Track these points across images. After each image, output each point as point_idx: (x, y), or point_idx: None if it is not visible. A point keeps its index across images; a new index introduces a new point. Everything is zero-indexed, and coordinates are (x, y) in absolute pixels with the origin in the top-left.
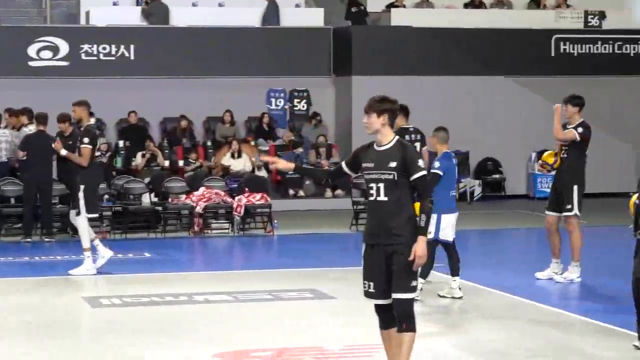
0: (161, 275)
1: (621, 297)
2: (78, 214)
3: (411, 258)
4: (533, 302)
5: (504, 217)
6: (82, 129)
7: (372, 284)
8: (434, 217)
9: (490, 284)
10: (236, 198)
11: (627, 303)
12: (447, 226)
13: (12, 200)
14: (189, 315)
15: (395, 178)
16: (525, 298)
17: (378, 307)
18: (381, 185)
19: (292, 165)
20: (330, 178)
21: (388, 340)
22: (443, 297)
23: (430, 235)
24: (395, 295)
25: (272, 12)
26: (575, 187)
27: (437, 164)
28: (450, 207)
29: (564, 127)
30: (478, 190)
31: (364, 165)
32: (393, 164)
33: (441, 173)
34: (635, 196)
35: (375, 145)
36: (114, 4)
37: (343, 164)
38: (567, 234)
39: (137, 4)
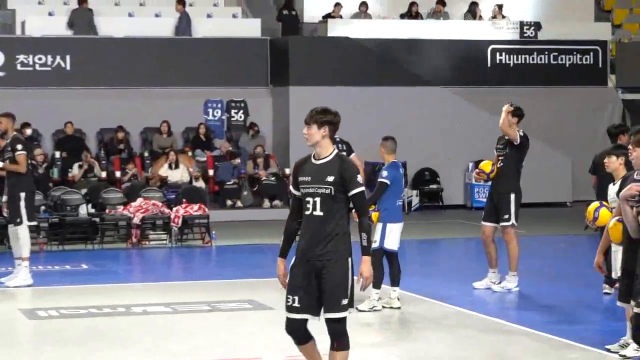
0: (99, 286)
1: (559, 307)
2: (18, 223)
3: (358, 282)
4: (471, 311)
5: (442, 227)
6: (9, 139)
7: (296, 298)
8: (379, 226)
9: (428, 293)
10: (174, 209)
11: (565, 312)
12: (392, 235)
13: None
14: (126, 326)
15: (332, 193)
16: (463, 308)
17: (293, 322)
18: (317, 199)
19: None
20: (298, 214)
21: (309, 355)
22: (362, 310)
23: (376, 244)
24: (327, 315)
25: (184, 23)
26: (512, 196)
27: (384, 172)
28: (396, 216)
29: (499, 139)
30: (416, 201)
31: (300, 179)
32: (330, 178)
33: (388, 182)
34: (595, 204)
35: (313, 159)
36: (50, 14)
37: (291, 189)
38: (505, 243)
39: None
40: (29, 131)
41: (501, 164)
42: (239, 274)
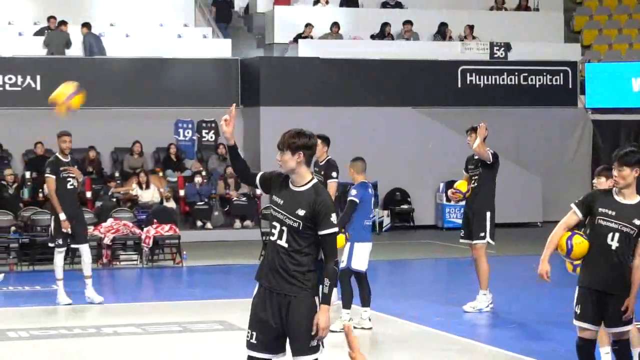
0: (69, 307)
1: (529, 326)
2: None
3: (314, 332)
4: (442, 331)
5: (413, 248)
6: None
7: (255, 334)
8: (348, 245)
9: (399, 313)
10: (145, 229)
11: (536, 331)
12: (360, 255)
13: None
14: (97, 347)
15: (300, 227)
16: (434, 328)
17: None
18: (284, 229)
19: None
20: (249, 175)
21: None
22: (333, 331)
23: (343, 264)
24: (296, 359)
25: (94, 43)
26: (488, 214)
27: (353, 191)
28: (365, 236)
29: (468, 160)
30: (387, 221)
31: (274, 197)
32: (302, 212)
33: (357, 200)
34: (566, 233)
35: (291, 183)
36: (20, 34)
37: (259, 175)
38: (473, 261)
39: (42, 34)
40: None
41: (475, 183)
42: (210, 295)
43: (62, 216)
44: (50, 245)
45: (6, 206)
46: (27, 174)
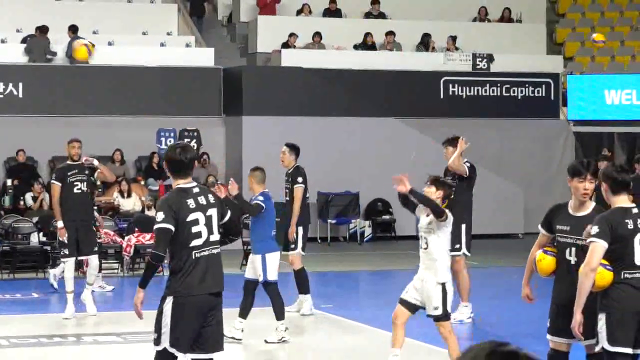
0: (49, 315)
1: (510, 338)
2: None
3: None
4: (424, 343)
5: (394, 258)
6: None
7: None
8: (258, 258)
9: (379, 324)
10: (126, 238)
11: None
12: (273, 266)
13: None
14: (77, 356)
15: None
16: (416, 339)
17: None
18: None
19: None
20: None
21: None
22: (271, 342)
23: (261, 278)
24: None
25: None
26: (463, 227)
27: (260, 197)
28: (274, 247)
29: (446, 170)
30: (368, 231)
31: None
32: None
33: (264, 205)
34: (540, 253)
35: None
36: (2, 41)
37: None
38: (454, 273)
39: (25, 41)
40: None
41: (452, 195)
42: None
43: (60, 224)
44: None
45: None
46: (9, 182)
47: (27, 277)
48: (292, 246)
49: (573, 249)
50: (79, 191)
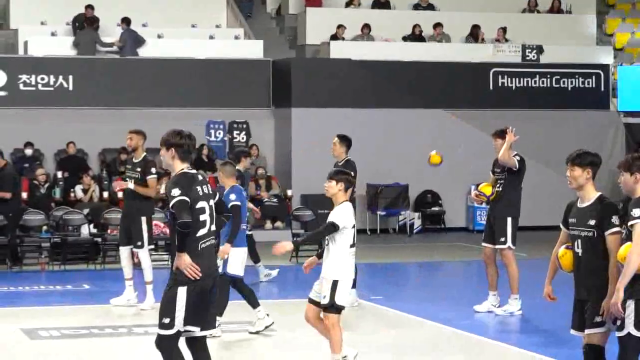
0: (100, 307)
1: (561, 331)
2: (140, 246)
3: None
4: (472, 334)
5: (443, 250)
6: (140, 159)
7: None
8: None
9: (429, 316)
10: None
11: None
12: (236, 261)
13: None
14: (127, 347)
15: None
16: (464, 330)
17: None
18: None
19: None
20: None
21: None
22: (256, 332)
23: (220, 269)
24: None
25: (128, 39)
26: (509, 219)
27: (232, 196)
28: (240, 241)
29: (495, 162)
30: (418, 223)
31: None
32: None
33: (239, 203)
34: (562, 249)
35: None
36: (53, 34)
37: None
38: (504, 266)
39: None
40: (29, 151)
41: (500, 188)
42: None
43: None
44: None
45: (38, 206)
46: (59, 174)
47: (78, 269)
48: None
49: (579, 241)
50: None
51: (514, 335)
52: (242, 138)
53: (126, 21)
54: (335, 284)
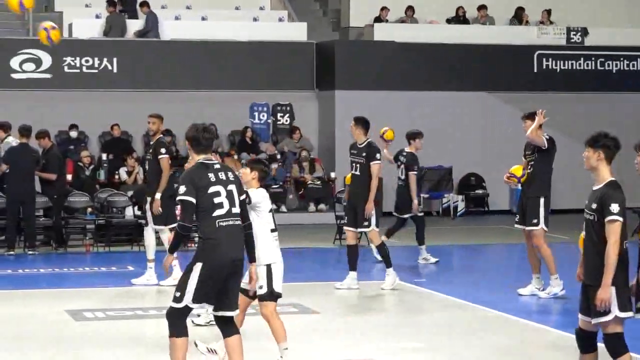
0: (145, 288)
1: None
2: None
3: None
4: (516, 317)
5: (487, 233)
6: (154, 142)
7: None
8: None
9: (472, 299)
10: None
11: None
12: None
13: None
14: None
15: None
16: (508, 313)
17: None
18: None
19: None
20: None
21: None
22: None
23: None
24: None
25: (150, 24)
26: (542, 200)
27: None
28: None
29: (527, 145)
30: (461, 206)
31: None
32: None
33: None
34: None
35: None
36: (97, 16)
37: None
38: (536, 248)
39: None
40: (74, 133)
41: (531, 169)
42: (284, 278)
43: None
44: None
45: (82, 188)
46: (104, 156)
47: (122, 250)
48: (366, 224)
49: (584, 225)
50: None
51: (557, 317)
52: (286, 120)
53: (146, 5)
54: (269, 268)
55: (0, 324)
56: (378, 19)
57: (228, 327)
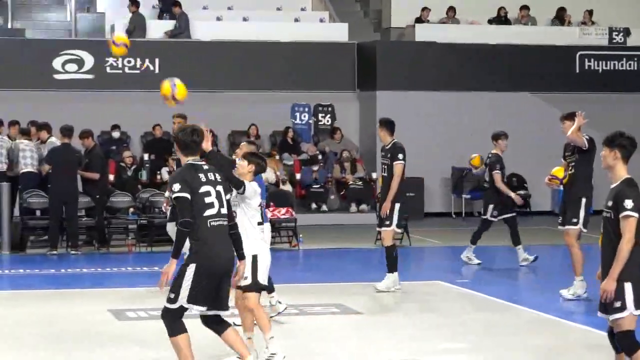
0: None
1: None
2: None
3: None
4: (557, 318)
5: (529, 234)
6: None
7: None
8: None
9: (514, 300)
10: None
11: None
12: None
13: (38, 213)
14: None
15: None
16: (550, 314)
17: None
18: None
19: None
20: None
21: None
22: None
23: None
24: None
25: (183, 25)
26: (583, 201)
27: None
28: None
29: (567, 145)
30: None
31: None
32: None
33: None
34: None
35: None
36: None
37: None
38: (567, 247)
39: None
40: (116, 134)
41: (572, 170)
42: (326, 278)
43: None
44: None
45: (125, 188)
46: (146, 156)
47: (164, 251)
48: (387, 222)
49: (602, 223)
50: None
51: (601, 318)
52: (327, 121)
53: (178, 4)
54: (255, 259)
55: (43, 324)
56: (419, 20)
57: (220, 325)
